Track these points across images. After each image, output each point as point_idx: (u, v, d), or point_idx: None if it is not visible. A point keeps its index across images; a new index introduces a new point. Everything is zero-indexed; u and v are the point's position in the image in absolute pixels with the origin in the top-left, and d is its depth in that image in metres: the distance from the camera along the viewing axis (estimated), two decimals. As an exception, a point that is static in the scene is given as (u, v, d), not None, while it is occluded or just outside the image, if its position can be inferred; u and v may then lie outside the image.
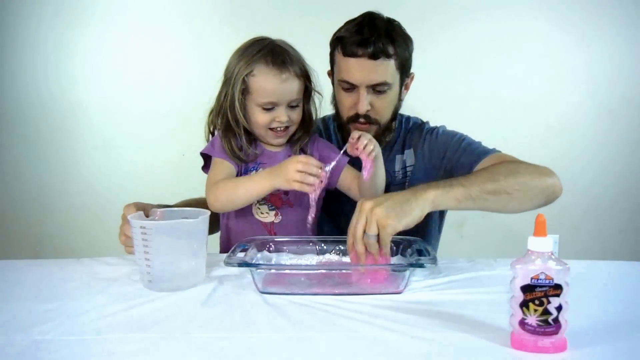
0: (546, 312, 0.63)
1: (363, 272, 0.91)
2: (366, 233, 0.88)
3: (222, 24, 2.05)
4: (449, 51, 2.06)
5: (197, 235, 0.91)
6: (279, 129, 1.10)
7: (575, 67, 2.08)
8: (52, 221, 2.20)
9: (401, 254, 0.98)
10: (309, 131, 1.17)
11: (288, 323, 0.73)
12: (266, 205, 1.14)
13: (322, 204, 1.21)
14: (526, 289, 0.63)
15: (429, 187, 0.95)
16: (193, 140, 1.22)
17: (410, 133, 1.31)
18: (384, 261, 0.90)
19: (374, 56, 1.12)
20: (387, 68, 1.14)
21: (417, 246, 0.95)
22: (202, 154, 1.16)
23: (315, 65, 1.14)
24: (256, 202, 1.14)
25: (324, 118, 1.36)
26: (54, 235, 2.20)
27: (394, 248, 0.99)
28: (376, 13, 1.19)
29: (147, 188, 1.90)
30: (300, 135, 1.16)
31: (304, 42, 1.13)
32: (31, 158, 2.18)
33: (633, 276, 0.97)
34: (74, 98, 2.13)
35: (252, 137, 1.14)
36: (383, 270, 0.91)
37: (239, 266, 0.86)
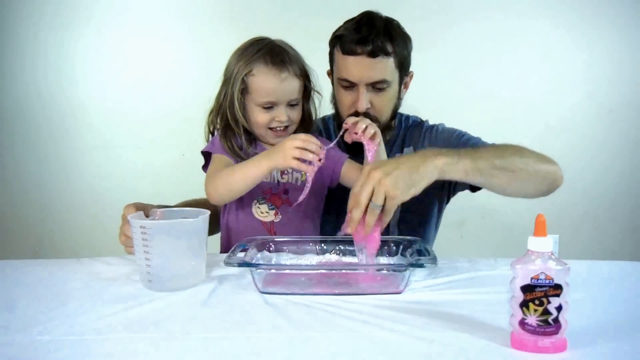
0: (546, 312, 0.62)
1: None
2: (372, 202, 0.86)
3: (222, 24, 2.06)
4: (449, 51, 2.06)
5: (197, 235, 0.91)
6: (279, 129, 1.10)
7: (575, 67, 2.08)
8: (52, 221, 2.20)
9: (401, 254, 0.98)
10: (309, 131, 1.17)
11: (288, 323, 0.73)
12: (266, 204, 1.14)
13: (324, 204, 1.21)
14: (526, 289, 0.63)
15: (440, 154, 0.93)
16: (193, 140, 1.22)
17: (409, 131, 1.31)
18: (377, 232, 0.89)
19: (373, 54, 1.12)
20: (386, 66, 1.15)
21: (417, 246, 0.94)
22: (203, 153, 1.16)
23: (314, 65, 1.15)
24: (256, 202, 1.14)
25: (324, 118, 1.36)
26: (54, 235, 2.20)
27: (394, 248, 0.99)
28: (375, 12, 1.20)
29: (147, 188, 1.91)
30: None
31: (304, 43, 1.13)
32: (31, 158, 2.18)
33: (633, 276, 0.96)
34: (74, 98, 2.13)
35: (252, 137, 1.14)
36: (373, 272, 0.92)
37: (239, 266, 0.86)
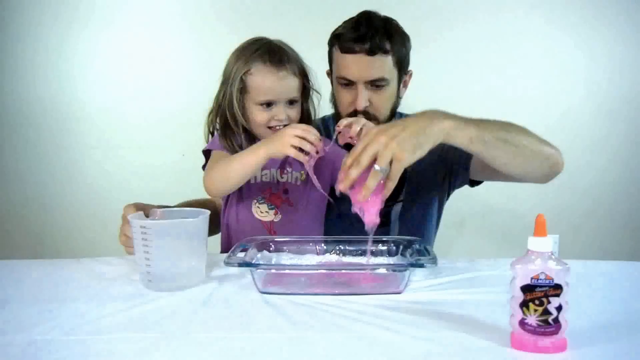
0: (546, 312, 0.62)
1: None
2: (377, 166, 0.82)
3: (222, 25, 2.05)
4: (449, 51, 2.06)
5: (197, 235, 0.91)
6: (278, 128, 1.10)
7: (575, 67, 2.08)
8: (52, 221, 2.20)
9: (401, 254, 0.98)
10: (308, 129, 1.17)
11: (288, 323, 0.73)
12: (266, 204, 1.14)
13: (327, 207, 1.21)
14: (526, 289, 0.63)
15: (447, 117, 0.92)
16: (193, 140, 1.22)
17: None
18: (377, 196, 0.85)
19: (371, 52, 1.13)
20: (385, 64, 1.15)
21: (417, 246, 0.94)
22: (204, 152, 1.17)
23: (314, 65, 1.15)
24: (256, 202, 1.14)
25: (324, 118, 1.36)
26: (54, 235, 2.20)
27: (394, 248, 0.99)
28: (373, 12, 1.20)
29: (147, 188, 1.90)
30: None
31: (304, 43, 1.13)
32: (31, 158, 2.17)
33: (633, 276, 0.96)
34: (74, 98, 2.13)
35: (252, 137, 1.14)
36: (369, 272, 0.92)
37: (239, 266, 0.86)
